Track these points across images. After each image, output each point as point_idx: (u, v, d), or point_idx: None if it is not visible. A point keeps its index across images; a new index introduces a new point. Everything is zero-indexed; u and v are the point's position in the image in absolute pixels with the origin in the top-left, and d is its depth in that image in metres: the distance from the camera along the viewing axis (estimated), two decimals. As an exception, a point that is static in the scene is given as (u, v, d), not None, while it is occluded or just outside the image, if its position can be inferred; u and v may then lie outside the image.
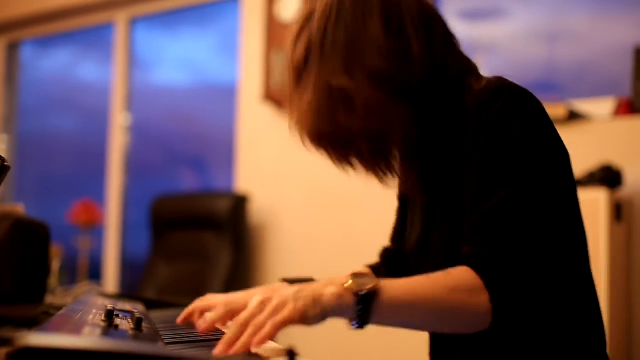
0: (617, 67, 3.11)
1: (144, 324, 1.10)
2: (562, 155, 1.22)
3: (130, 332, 1.05)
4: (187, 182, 4.77)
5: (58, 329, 0.91)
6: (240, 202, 3.62)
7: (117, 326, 1.05)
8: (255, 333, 0.99)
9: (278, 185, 3.72)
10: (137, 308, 1.46)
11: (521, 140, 1.14)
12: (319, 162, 4.10)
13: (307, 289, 1.04)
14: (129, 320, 1.14)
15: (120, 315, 1.17)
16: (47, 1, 4.83)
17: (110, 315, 1.07)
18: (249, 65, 3.85)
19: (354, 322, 1.04)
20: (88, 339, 0.79)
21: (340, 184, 3.62)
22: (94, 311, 1.19)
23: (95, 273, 4.39)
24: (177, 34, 4.84)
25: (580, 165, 2.73)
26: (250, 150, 3.84)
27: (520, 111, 1.16)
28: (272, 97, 3.64)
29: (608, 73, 3.24)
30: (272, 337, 1.01)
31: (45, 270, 2.04)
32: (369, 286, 1.04)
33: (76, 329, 0.89)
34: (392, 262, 1.59)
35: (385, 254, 1.63)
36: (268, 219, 3.71)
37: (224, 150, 4.26)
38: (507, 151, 1.14)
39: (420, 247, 1.39)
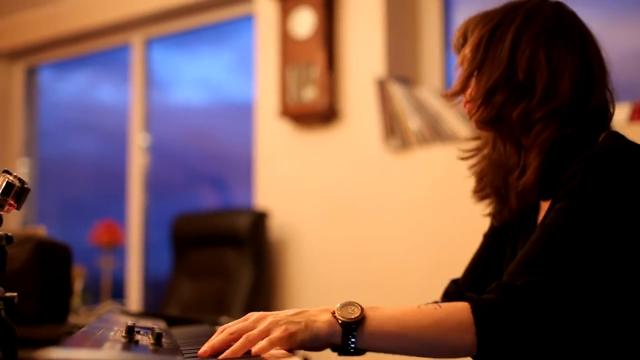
0: (632, 72, 3.11)
1: (163, 339, 1.12)
2: None
3: (151, 347, 1.06)
4: (207, 200, 4.79)
5: (79, 345, 0.93)
6: (260, 219, 3.64)
7: (137, 342, 1.06)
8: (244, 346, 1.06)
9: (297, 201, 3.73)
10: (158, 325, 1.47)
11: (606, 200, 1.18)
12: (338, 177, 4.08)
13: (302, 314, 1.12)
14: (149, 336, 1.15)
15: (141, 332, 1.19)
16: (64, 25, 4.89)
17: (130, 331, 1.08)
18: (265, 82, 3.87)
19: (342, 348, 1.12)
20: (108, 353, 0.80)
21: (360, 198, 3.63)
22: (116, 328, 1.21)
23: (118, 293, 4.42)
24: (192, 53, 4.88)
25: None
26: (269, 167, 3.86)
27: (619, 171, 1.19)
28: (289, 113, 3.66)
29: (623, 78, 3.23)
30: (265, 352, 1.06)
31: (68, 291, 2.06)
32: (354, 315, 1.11)
33: (97, 345, 0.91)
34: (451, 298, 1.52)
35: (452, 287, 1.56)
36: (288, 235, 3.72)
37: (242, 167, 4.28)
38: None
39: None
